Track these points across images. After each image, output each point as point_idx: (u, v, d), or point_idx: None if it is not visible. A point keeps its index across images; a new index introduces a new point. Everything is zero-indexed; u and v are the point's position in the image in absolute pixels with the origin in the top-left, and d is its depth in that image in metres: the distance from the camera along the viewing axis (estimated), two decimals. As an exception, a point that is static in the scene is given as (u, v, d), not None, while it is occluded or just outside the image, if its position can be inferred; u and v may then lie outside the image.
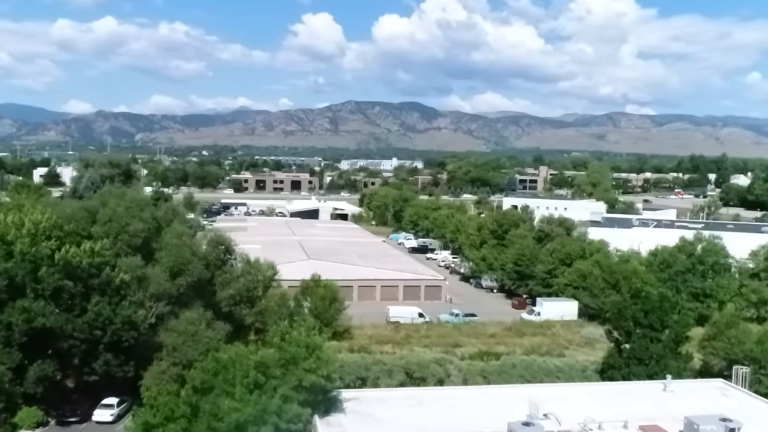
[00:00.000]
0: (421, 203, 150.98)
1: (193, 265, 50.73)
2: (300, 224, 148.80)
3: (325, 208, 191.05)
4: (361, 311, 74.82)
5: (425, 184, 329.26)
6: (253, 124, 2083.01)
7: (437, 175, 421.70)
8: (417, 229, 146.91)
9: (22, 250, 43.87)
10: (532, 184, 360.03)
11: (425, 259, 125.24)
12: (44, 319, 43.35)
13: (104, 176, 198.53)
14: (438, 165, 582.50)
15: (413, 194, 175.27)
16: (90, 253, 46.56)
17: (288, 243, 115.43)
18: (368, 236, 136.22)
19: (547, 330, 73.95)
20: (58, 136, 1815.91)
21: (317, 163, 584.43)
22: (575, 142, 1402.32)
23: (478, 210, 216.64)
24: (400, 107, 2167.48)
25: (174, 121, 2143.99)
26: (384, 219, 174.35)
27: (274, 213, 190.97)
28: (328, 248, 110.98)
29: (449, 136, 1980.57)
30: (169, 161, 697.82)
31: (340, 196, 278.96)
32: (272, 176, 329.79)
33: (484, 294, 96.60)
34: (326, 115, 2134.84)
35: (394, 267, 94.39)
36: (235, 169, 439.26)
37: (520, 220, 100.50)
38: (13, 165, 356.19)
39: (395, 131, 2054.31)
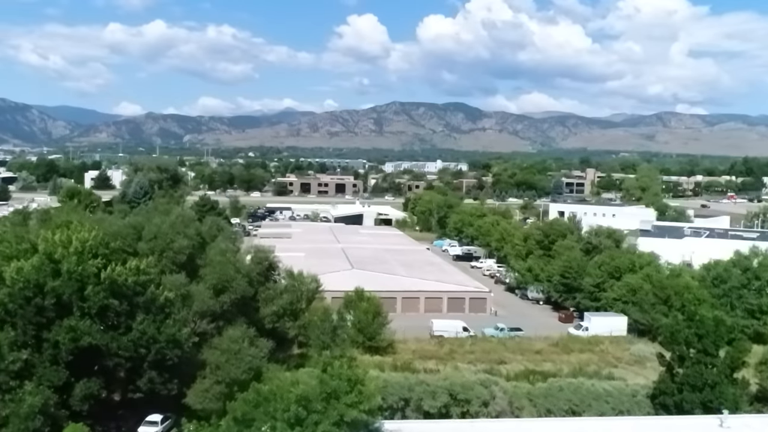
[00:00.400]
0: (465, 210, 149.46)
1: (237, 282, 50.69)
2: (344, 230, 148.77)
3: (369, 213, 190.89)
4: (404, 324, 74.03)
5: (470, 188, 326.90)
6: (299, 125, 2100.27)
7: (482, 177, 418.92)
8: (461, 236, 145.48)
9: (69, 269, 44.28)
10: (579, 188, 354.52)
11: (470, 268, 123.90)
12: (90, 338, 43.68)
13: (153, 181, 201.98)
14: (483, 167, 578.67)
15: (458, 200, 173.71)
16: (135, 271, 46.80)
17: (332, 251, 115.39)
18: (412, 243, 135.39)
19: (595, 346, 72.20)
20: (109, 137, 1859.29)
21: (361, 165, 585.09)
22: (623, 142, 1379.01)
23: (524, 215, 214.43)
24: (445, 108, 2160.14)
25: (221, 123, 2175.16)
26: (428, 225, 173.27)
27: (319, 218, 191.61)
28: (371, 257, 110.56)
29: (494, 136, 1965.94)
30: (216, 163, 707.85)
31: (384, 199, 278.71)
32: (317, 179, 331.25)
33: (529, 306, 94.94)
34: (371, 116, 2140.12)
35: (438, 278, 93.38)
36: (281, 172, 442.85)
37: (567, 230, 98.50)
38: (66, 168, 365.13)
39: (440, 132, 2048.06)
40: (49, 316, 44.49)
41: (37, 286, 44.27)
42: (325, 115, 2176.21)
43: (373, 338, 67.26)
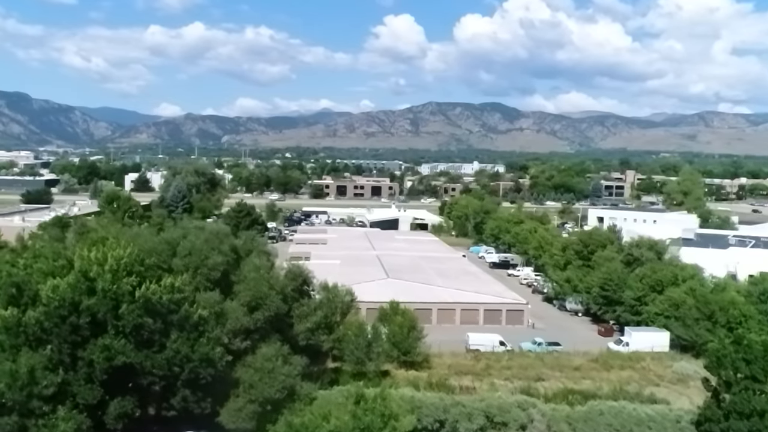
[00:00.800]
0: (502, 216, 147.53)
1: (271, 299, 50.26)
2: (379, 236, 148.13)
3: (405, 217, 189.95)
4: (439, 337, 73.03)
5: (507, 190, 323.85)
6: (335, 125, 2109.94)
7: (519, 180, 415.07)
8: (498, 243, 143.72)
9: (104, 287, 44.26)
10: (618, 190, 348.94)
11: (506, 276, 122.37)
12: (124, 357, 43.55)
13: (190, 185, 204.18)
14: (520, 168, 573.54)
15: (495, 206, 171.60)
16: (170, 289, 46.61)
17: (367, 258, 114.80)
18: (448, 250, 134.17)
19: (636, 363, 70.31)
20: (149, 138, 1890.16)
21: (397, 167, 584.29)
22: (664, 142, 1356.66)
23: (562, 219, 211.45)
24: (482, 108, 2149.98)
25: (258, 123, 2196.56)
26: (464, 230, 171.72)
27: (354, 222, 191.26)
28: (407, 265, 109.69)
29: (532, 137, 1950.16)
30: (254, 164, 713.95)
31: (420, 202, 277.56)
32: (353, 182, 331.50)
33: (568, 318, 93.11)
34: (407, 117, 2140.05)
35: (474, 288, 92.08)
36: (317, 174, 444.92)
37: (607, 240, 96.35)
38: (107, 170, 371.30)
39: (476, 132, 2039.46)
40: (84, 335, 44.50)
41: (73, 305, 44.33)
42: (362, 116, 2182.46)
43: (408, 353, 66.44)
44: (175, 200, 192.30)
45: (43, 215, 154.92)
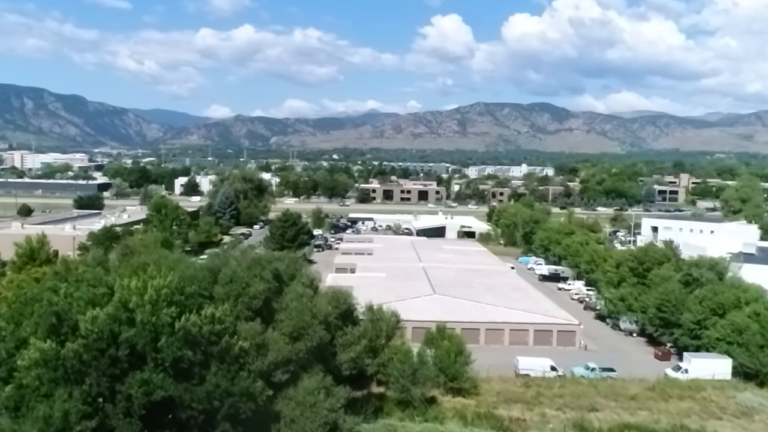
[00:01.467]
0: (552, 227, 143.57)
1: (313, 329, 48.68)
2: (426, 246, 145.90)
3: (452, 225, 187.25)
4: (488, 359, 70.46)
5: (556, 195, 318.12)
6: (382, 126, 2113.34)
7: (568, 183, 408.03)
8: (548, 254, 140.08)
9: (143, 319, 43.25)
10: (672, 195, 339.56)
11: (557, 290, 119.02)
12: (163, 391, 42.47)
13: (238, 191, 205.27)
14: (569, 171, 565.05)
15: (545, 215, 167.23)
16: (210, 320, 45.36)
17: (413, 271, 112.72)
18: (496, 262, 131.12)
19: (696, 393, 66.61)
20: (199, 139, 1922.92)
21: (444, 170, 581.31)
22: (719, 143, 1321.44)
23: (613, 227, 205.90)
24: (530, 108, 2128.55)
25: (306, 125, 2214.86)
26: (513, 239, 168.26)
27: (401, 230, 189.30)
28: (454, 279, 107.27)
29: (581, 137, 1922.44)
30: (301, 166, 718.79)
31: (468, 208, 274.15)
32: (399, 186, 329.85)
33: (622, 338, 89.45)
34: (455, 117, 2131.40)
35: (524, 306, 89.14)
36: (364, 177, 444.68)
37: (663, 257, 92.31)
38: (157, 174, 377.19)
39: (525, 133, 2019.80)
40: (123, 367, 43.54)
41: (112, 336, 43.47)
42: (409, 117, 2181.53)
43: (455, 379, 64.16)
44: (223, 207, 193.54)
45: (94, 223, 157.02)
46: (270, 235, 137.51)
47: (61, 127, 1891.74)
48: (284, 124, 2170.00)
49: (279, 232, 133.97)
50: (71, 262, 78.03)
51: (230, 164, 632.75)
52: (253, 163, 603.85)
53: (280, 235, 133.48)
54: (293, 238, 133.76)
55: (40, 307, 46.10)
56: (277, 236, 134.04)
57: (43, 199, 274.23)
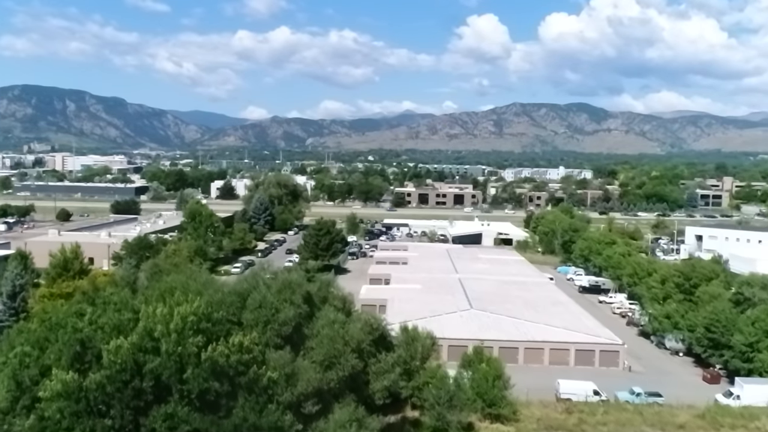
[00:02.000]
0: (593, 236, 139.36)
1: (346, 357, 46.54)
2: (462, 255, 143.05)
3: (488, 232, 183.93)
4: (527, 381, 67.54)
5: (595, 200, 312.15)
6: (418, 127, 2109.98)
7: (607, 186, 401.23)
8: (588, 264, 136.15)
9: (168, 349, 41.57)
10: (715, 200, 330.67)
11: (597, 302, 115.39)
12: (188, 425, 40.75)
13: (273, 197, 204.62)
14: (608, 174, 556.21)
15: (584, 223, 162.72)
16: (238, 348, 43.52)
17: (449, 283, 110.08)
18: (534, 273, 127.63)
19: (749, 422, 62.85)
20: (236, 141, 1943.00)
21: (480, 172, 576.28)
22: (762, 143, 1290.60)
23: (655, 234, 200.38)
24: (568, 108, 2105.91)
25: (342, 126, 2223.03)
26: (551, 247, 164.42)
27: (436, 237, 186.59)
28: (491, 292, 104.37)
29: (620, 138, 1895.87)
30: (337, 168, 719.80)
31: (504, 213, 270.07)
32: (435, 190, 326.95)
33: (667, 358, 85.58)
34: (491, 118, 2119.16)
35: (565, 323, 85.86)
36: (399, 179, 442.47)
37: (712, 273, 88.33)
38: (194, 177, 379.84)
39: (562, 134, 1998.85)
40: (147, 399, 41.96)
41: (136, 367, 41.94)
42: (444, 118, 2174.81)
43: (494, 404, 61.47)
44: (257, 213, 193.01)
45: (129, 229, 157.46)
46: (304, 244, 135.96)
47: (101, 129, 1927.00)
48: (320, 126, 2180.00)
49: (313, 240, 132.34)
50: (99, 280, 77.16)
51: (266, 166, 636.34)
52: (288, 166, 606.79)
53: (314, 243, 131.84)
54: (327, 246, 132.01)
55: (64, 334, 44.76)
56: (311, 245, 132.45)
57: (82, 202, 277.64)
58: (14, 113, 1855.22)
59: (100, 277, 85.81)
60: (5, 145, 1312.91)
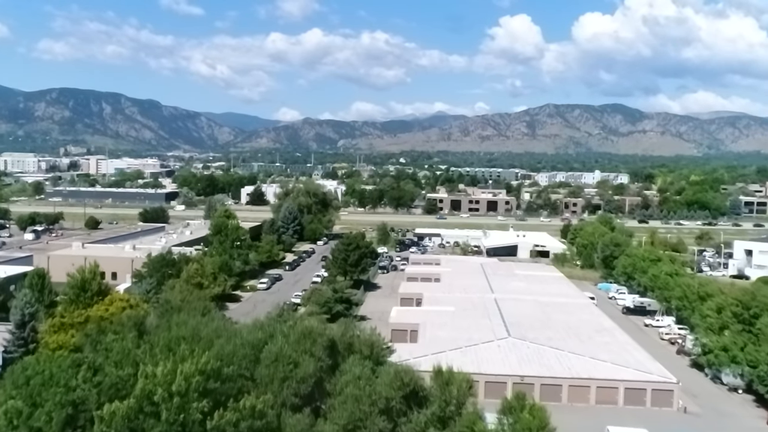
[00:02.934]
0: (636, 253, 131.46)
1: (372, 420, 40.98)
2: (497, 270, 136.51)
3: (524, 244, 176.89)
4: (572, 424, 61.19)
5: (633, 207, 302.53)
6: (450, 129, 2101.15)
7: (645, 191, 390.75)
8: (631, 282, 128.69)
9: (168, 418, 36.33)
10: (759, 207, 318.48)
11: (643, 326, 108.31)
12: (190, 506, 35.53)
13: (302, 206, 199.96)
14: (645, 178, 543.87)
15: (626, 238, 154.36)
16: (250, 413, 38.25)
17: (485, 305, 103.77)
18: (575, 292, 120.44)
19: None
20: (269, 143, 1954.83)
21: (513, 176, 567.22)
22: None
23: (699, 246, 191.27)
24: (602, 109, 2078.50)
25: (374, 128, 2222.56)
26: (590, 261, 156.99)
27: (470, 248, 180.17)
28: (530, 315, 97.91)
29: (656, 139, 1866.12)
30: (368, 170, 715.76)
31: (540, 221, 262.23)
32: (468, 196, 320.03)
33: (725, 396, 78.26)
34: (523, 119, 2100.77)
35: (612, 356, 79.01)
36: (431, 184, 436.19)
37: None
38: (225, 181, 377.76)
39: (596, 135, 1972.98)
40: (147, 472, 36.86)
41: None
42: (477, 119, 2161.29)
43: (537, 458, 55.24)
44: (286, 222, 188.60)
45: (155, 241, 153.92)
46: (332, 259, 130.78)
47: (137, 131, 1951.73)
48: (352, 127, 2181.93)
49: (341, 256, 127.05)
50: (115, 306, 72.73)
51: (297, 170, 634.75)
52: (319, 170, 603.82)
53: (343, 259, 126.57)
54: (356, 262, 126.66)
55: (56, 393, 39.83)
56: (339, 260, 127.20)
57: (112, 209, 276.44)
58: (52, 116, 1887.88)
59: (117, 302, 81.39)
60: (43, 147, 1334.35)
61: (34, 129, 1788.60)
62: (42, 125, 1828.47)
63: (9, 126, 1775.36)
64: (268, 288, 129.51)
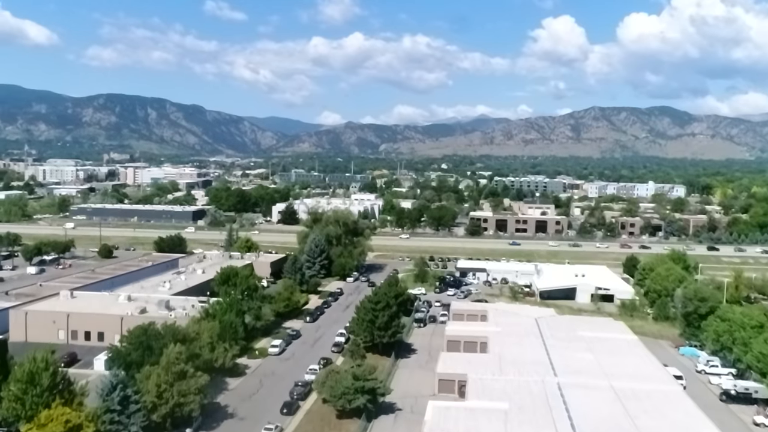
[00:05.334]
0: (732, 317, 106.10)
1: None
2: (556, 332, 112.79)
3: (584, 286, 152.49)
4: None
5: (698, 228, 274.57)
6: (492, 133, 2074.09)
7: (704, 206, 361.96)
8: (728, 353, 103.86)
9: None
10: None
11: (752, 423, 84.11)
12: None
13: (330, 236, 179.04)
14: (703, 190, 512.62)
15: (714, 291, 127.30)
16: None
17: (546, 396, 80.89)
18: (657, 370, 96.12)
19: None
20: (310, 147, 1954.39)
21: (561, 187, 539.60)
22: None
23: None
24: (649, 112, 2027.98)
25: (416, 132, 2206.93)
26: (665, 312, 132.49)
27: (520, 291, 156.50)
28: (606, 415, 74.92)
29: (705, 142, 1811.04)
30: (409, 178, 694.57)
31: (596, 247, 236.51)
32: (514, 215, 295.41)
33: None
34: (568, 123, 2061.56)
35: None
36: (474, 198, 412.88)
37: None
38: (257, 196, 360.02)
39: (643, 138, 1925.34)
40: None
41: None
42: (520, 122, 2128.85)
43: None
44: (312, 256, 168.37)
45: (159, 285, 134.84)
46: (357, 319, 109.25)
47: (181, 136, 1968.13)
48: (393, 131, 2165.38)
49: (368, 317, 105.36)
50: None
51: (336, 179, 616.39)
52: (358, 180, 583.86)
53: (370, 321, 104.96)
54: (386, 324, 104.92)
55: None
56: (365, 322, 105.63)
57: (133, 231, 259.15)
58: (99, 121, 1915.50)
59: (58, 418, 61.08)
60: (90, 152, 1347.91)
61: (82, 134, 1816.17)
62: (89, 131, 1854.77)
63: (57, 131, 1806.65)
64: (281, 352, 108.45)
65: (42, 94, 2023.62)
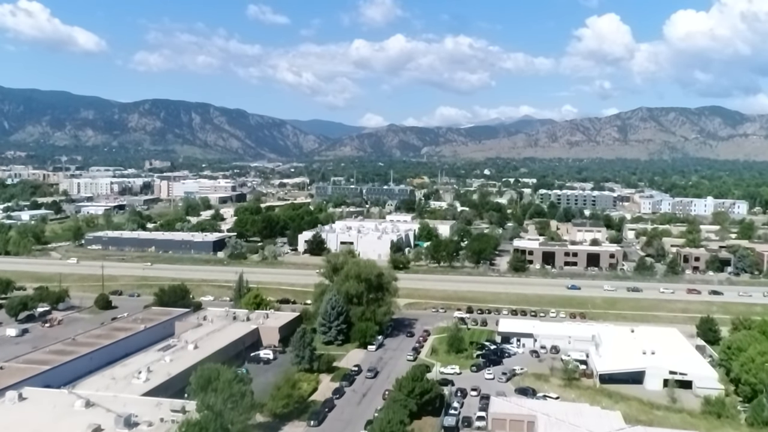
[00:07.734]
0: None
1: None
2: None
3: (653, 370, 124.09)
4: None
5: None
6: (537, 135, 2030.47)
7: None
8: None
9: None
10: None
11: None
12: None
13: (350, 295, 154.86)
14: (767, 204, 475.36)
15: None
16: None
17: None
18: None
19: None
20: (353, 150, 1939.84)
21: (611, 202, 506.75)
22: None
23: None
24: (699, 112, 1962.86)
25: (458, 134, 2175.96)
26: (762, 414, 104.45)
27: (576, 372, 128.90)
28: None
29: (759, 143, 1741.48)
30: (450, 188, 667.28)
31: (660, 292, 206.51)
32: (563, 246, 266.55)
33: None
34: (614, 124, 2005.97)
35: None
36: (518, 218, 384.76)
37: None
38: (286, 218, 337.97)
39: (693, 139, 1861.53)
40: None
41: None
42: (565, 124, 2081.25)
43: None
44: (328, 319, 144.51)
45: (135, 373, 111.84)
46: None
47: (224, 140, 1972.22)
48: (436, 134, 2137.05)
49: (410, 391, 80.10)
50: None
51: (373, 193, 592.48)
52: (395, 196, 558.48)
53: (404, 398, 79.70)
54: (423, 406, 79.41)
55: None
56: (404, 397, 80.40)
57: (142, 269, 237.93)
58: (144, 126, 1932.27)
59: None
60: (134, 158, 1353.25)
61: (128, 140, 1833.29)
62: (135, 136, 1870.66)
63: (104, 137, 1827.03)
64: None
65: (90, 100, 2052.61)
